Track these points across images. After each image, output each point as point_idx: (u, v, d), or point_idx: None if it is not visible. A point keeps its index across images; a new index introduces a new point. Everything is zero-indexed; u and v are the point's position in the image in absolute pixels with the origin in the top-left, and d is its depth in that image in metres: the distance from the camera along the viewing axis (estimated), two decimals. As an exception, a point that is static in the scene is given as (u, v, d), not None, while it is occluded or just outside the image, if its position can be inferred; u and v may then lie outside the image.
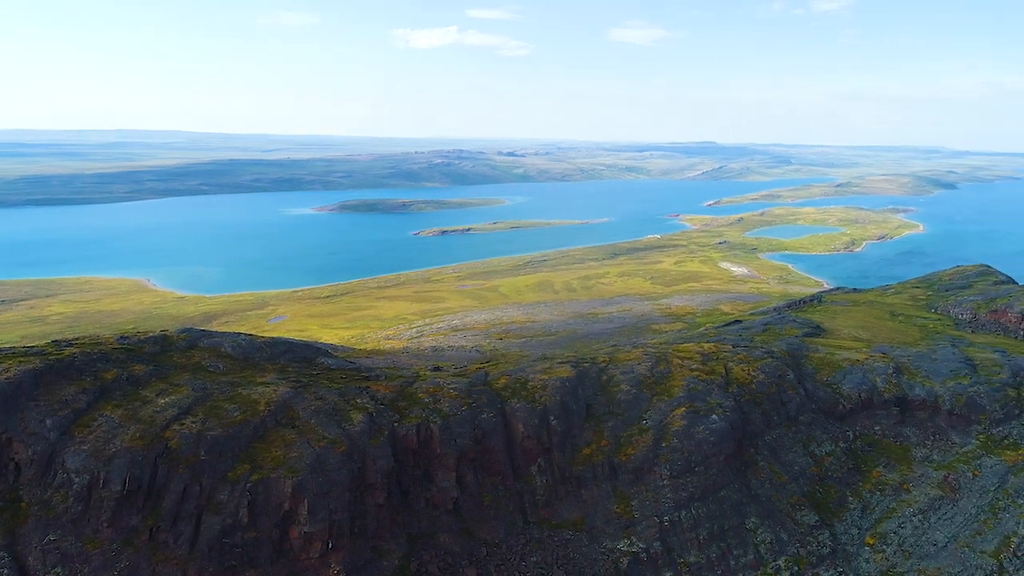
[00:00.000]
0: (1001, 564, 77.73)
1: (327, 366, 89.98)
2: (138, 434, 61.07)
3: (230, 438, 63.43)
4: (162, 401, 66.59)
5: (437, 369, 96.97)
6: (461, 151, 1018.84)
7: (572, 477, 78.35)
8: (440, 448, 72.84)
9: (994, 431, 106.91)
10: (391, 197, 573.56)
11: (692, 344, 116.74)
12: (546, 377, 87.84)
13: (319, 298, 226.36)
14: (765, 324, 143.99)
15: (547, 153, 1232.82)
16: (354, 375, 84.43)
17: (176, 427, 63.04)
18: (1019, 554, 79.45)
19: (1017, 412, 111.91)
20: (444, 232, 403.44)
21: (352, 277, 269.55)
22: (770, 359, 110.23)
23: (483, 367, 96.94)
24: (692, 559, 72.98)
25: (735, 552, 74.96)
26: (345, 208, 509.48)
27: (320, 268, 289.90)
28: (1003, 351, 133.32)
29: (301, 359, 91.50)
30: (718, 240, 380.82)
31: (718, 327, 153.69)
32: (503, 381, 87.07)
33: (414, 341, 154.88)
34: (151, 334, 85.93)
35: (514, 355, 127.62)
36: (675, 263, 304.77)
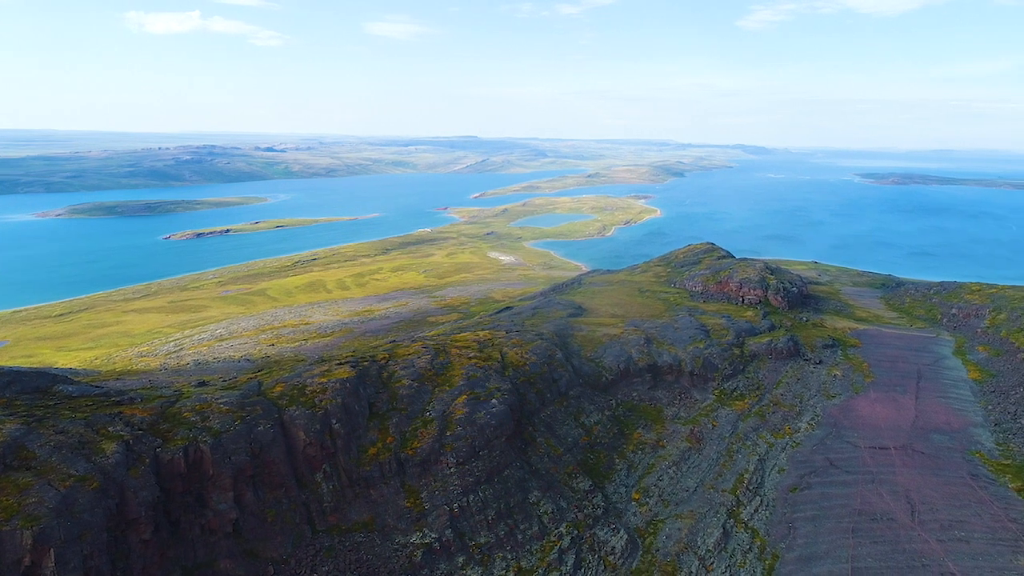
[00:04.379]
0: (738, 498, 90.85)
1: (67, 394, 78.69)
2: None
3: (-58, 493, 53.09)
4: None
5: (203, 384, 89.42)
6: (213, 147, 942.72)
7: (360, 479, 77.04)
8: (213, 468, 67.47)
9: (725, 385, 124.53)
10: (133, 198, 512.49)
11: (469, 333, 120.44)
12: (325, 380, 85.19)
13: (50, 317, 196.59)
14: (534, 308, 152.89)
15: (309, 148, 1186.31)
16: (102, 401, 74.87)
17: None
18: (751, 487, 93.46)
19: (742, 367, 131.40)
20: (200, 235, 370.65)
21: (91, 290, 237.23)
22: (540, 341, 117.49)
23: (255, 376, 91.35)
24: (483, 540, 75.62)
25: (521, 527, 79.03)
26: (76, 212, 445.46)
27: (49, 283, 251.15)
28: (728, 316, 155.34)
29: (33, 389, 78.97)
30: (486, 231, 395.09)
31: (492, 315, 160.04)
32: (279, 389, 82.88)
33: (173, 356, 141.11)
34: None
35: (289, 360, 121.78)
36: (447, 255, 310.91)
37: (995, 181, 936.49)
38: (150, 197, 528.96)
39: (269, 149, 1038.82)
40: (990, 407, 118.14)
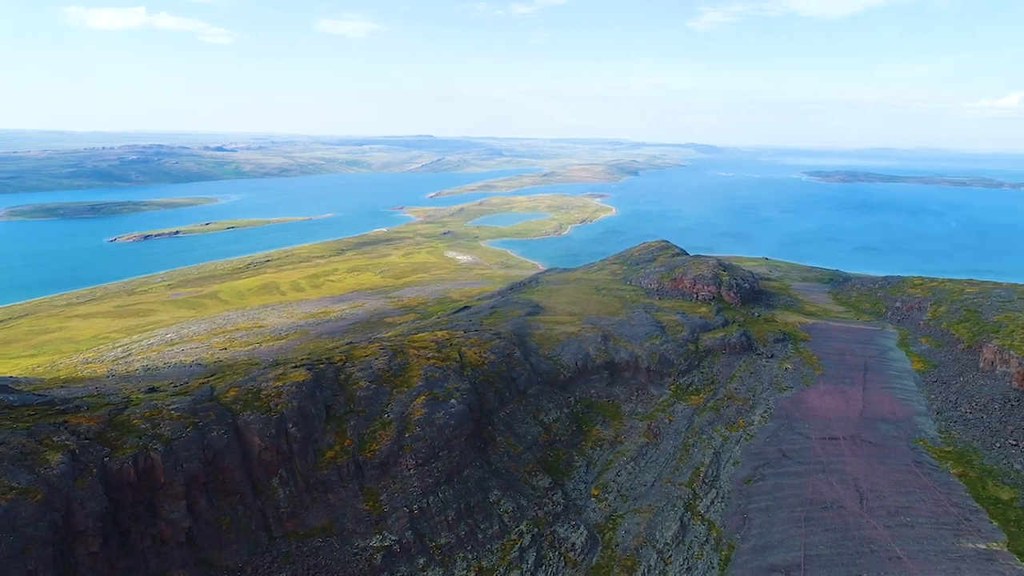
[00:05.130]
0: (694, 491, 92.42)
1: (8, 403, 75.73)
2: None
3: None
4: None
5: (152, 390, 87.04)
6: (161, 146, 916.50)
7: (317, 483, 75.99)
8: (165, 477, 65.71)
9: (681, 380, 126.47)
10: (76, 200, 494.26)
11: (426, 333, 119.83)
12: (280, 383, 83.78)
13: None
14: (492, 308, 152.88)
15: (261, 148, 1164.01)
16: (46, 410, 72.25)
17: None
18: (707, 480, 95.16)
19: (697, 363, 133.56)
20: (147, 237, 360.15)
21: (32, 295, 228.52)
22: (498, 340, 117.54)
23: (208, 381, 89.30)
24: (443, 541, 75.36)
25: (482, 526, 79.00)
26: (15, 214, 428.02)
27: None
28: (683, 312, 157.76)
29: (-30, 399, 75.88)
30: (442, 231, 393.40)
31: (449, 314, 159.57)
32: (232, 393, 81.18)
33: (121, 362, 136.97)
34: None
35: (242, 364, 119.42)
36: (403, 255, 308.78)
37: (934, 178, 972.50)
38: (94, 198, 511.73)
39: (219, 149, 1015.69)
40: (933, 396, 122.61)
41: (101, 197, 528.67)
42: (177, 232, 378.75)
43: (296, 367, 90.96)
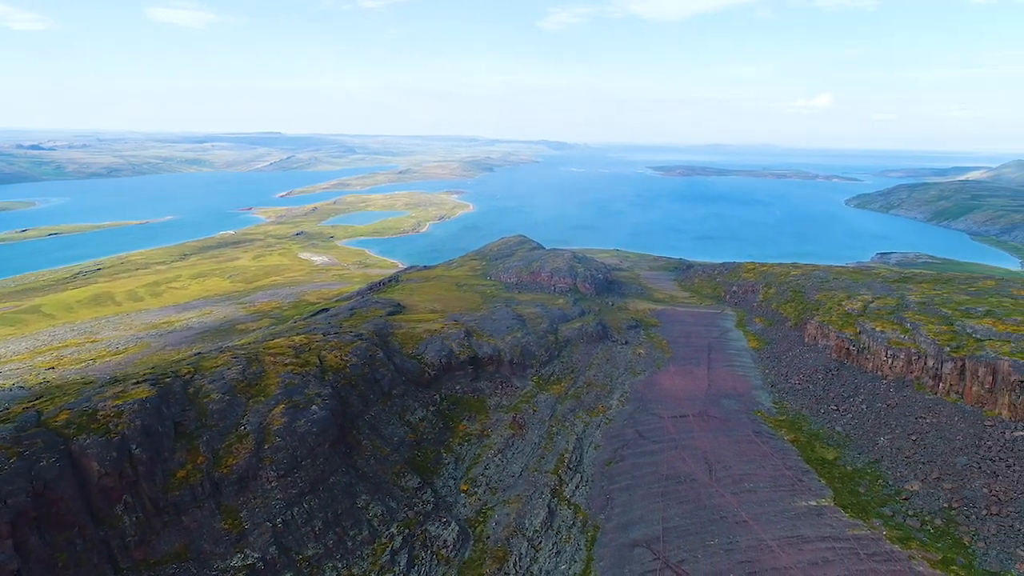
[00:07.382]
0: (560, 477, 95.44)
1: None
2: None
3: None
4: None
5: (-35, 420, 77.19)
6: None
7: (168, 505, 70.82)
8: (-16, 516, 58.53)
9: (543, 371, 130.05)
10: None
11: (283, 339, 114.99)
12: (120, 402, 77.14)
13: None
14: (351, 309, 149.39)
15: (85, 146, 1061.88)
16: None
17: None
18: (571, 466, 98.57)
19: (557, 353, 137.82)
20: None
21: None
22: (360, 342, 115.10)
23: (33, 405, 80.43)
24: (310, 552, 72.86)
25: (351, 533, 77.18)
26: None
27: None
28: (542, 305, 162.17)
29: None
30: (295, 231, 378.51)
31: (306, 318, 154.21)
32: (64, 417, 73.69)
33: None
34: None
35: (74, 384, 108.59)
36: (254, 258, 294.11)
37: (760, 172, 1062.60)
38: None
39: (35, 147, 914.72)
40: (767, 371, 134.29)
41: None
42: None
43: (138, 383, 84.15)
